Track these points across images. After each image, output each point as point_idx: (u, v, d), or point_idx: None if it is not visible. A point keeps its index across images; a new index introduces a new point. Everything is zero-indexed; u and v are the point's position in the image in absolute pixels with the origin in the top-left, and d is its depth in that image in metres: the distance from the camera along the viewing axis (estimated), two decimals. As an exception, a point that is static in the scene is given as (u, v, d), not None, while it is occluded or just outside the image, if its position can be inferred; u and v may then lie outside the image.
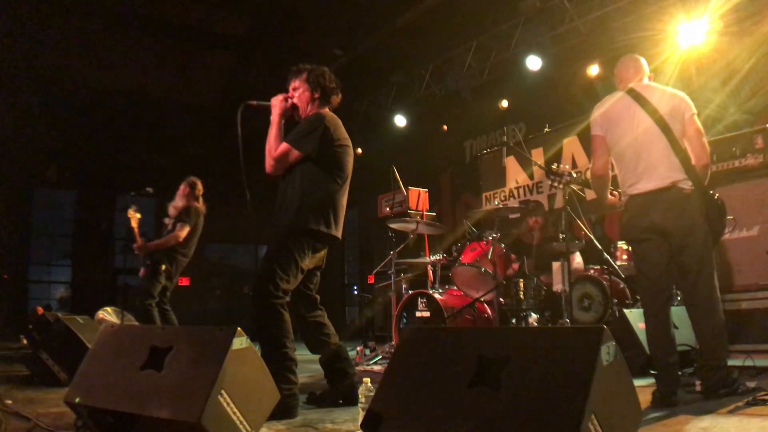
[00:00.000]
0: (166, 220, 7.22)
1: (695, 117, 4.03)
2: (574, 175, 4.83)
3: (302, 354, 4.15)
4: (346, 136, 4.32)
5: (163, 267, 6.89)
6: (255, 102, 4.31)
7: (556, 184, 4.90)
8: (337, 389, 4.26)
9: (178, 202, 7.12)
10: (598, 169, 4.33)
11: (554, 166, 4.83)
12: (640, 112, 4.07)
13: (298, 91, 4.32)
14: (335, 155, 4.21)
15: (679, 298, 5.56)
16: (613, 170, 4.34)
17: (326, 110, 4.33)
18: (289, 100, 4.30)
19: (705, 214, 3.94)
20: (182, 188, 7.18)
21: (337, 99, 4.44)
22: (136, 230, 7.13)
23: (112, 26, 13.24)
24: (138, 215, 7.19)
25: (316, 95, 4.32)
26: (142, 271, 7.11)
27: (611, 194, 4.50)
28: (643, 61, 4.33)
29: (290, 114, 4.33)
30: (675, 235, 3.92)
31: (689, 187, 3.92)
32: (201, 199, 7.22)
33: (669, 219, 3.92)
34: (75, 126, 14.71)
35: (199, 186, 7.23)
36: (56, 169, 15.67)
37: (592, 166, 4.39)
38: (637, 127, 4.06)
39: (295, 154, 4.10)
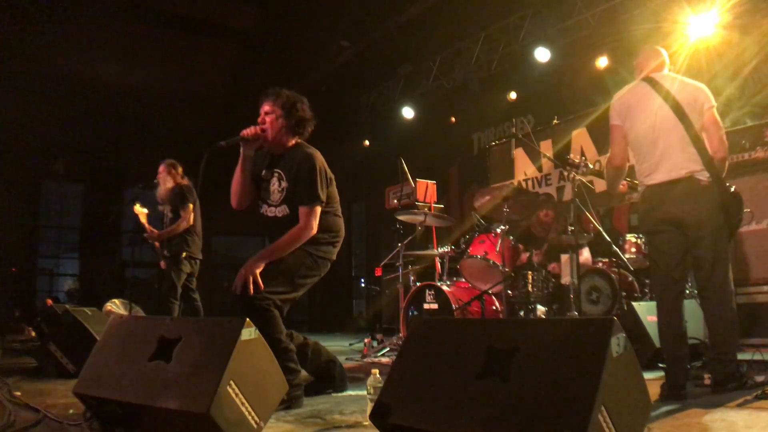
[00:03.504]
0: (161, 207, 7.20)
1: (714, 109, 3.99)
2: (591, 166, 4.80)
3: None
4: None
5: (184, 255, 6.89)
6: (224, 142, 3.98)
7: (571, 175, 4.88)
8: (328, 377, 4.35)
9: (167, 184, 7.10)
10: (614, 159, 4.29)
11: (571, 156, 4.81)
12: (657, 101, 4.03)
13: (270, 117, 4.06)
14: (331, 193, 4.18)
15: (688, 291, 5.55)
16: (630, 160, 4.31)
17: (312, 149, 4.15)
18: (262, 131, 4.06)
19: (722, 206, 3.90)
20: (165, 170, 7.13)
21: (310, 130, 4.23)
22: (146, 225, 7.15)
23: (117, 20, 13.25)
24: (145, 210, 7.19)
25: (291, 123, 4.10)
26: (162, 264, 7.09)
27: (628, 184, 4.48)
28: (663, 52, 4.28)
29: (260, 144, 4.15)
30: (691, 226, 3.89)
31: (706, 179, 3.88)
32: (185, 178, 7.20)
33: (685, 210, 3.88)
34: (82, 119, 14.71)
35: (179, 167, 7.22)
36: (64, 162, 15.69)
37: (609, 156, 4.34)
38: (655, 116, 4.02)
39: (318, 210, 4.00)
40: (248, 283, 3.73)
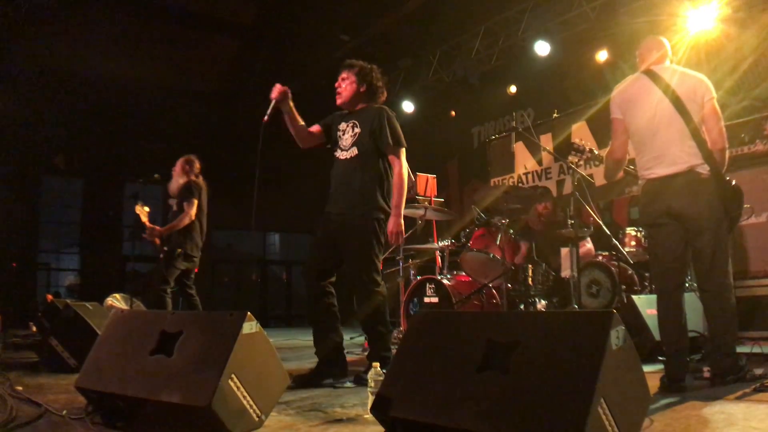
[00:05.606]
0: (171, 201, 7.20)
1: (714, 101, 3.96)
2: (596, 152, 4.80)
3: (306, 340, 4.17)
4: None
5: (179, 250, 6.86)
6: (266, 116, 4.38)
7: (576, 159, 4.89)
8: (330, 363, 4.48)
9: (179, 179, 7.09)
10: (614, 152, 4.26)
11: (577, 141, 4.83)
12: (657, 94, 4.00)
13: (345, 82, 4.59)
14: None
15: (687, 284, 5.55)
16: (630, 153, 4.29)
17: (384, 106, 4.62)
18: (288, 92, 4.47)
19: (722, 199, 3.89)
20: (179, 166, 7.14)
21: (382, 97, 4.71)
22: (147, 223, 7.14)
23: (117, 14, 13.21)
24: (146, 209, 7.18)
25: (362, 89, 4.59)
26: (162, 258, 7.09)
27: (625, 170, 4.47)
28: (666, 43, 4.24)
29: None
30: (690, 219, 3.87)
31: (706, 172, 3.85)
32: (201, 177, 7.18)
33: (685, 203, 3.86)
34: (82, 114, 14.71)
35: (197, 163, 7.20)
36: (64, 157, 15.68)
37: (610, 149, 4.31)
38: (654, 110, 3.99)
39: (404, 151, 4.56)
40: (402, 236, 4.39)
